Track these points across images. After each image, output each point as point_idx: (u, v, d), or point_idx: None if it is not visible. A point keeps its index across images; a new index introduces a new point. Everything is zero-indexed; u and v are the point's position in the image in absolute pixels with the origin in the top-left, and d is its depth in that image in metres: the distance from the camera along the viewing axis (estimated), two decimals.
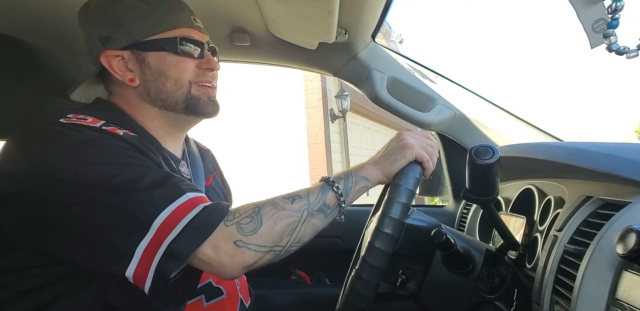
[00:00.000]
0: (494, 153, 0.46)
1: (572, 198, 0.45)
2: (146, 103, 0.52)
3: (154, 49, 0.50)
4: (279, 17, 0.70)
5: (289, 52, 0.87)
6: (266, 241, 0.41)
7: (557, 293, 0.39)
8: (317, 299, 0.94)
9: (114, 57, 0.50)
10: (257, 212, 0.42)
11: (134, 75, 0.51)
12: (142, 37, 0.50)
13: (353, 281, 0.45)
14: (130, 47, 0.50)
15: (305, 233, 0.44)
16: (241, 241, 0.40)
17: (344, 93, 4.69)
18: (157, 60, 0.50)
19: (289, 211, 0.44)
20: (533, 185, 0.61)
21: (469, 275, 0.53)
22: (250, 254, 0.41)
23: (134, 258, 0.38)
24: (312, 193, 0.46)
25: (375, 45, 0.89)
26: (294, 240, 0.43)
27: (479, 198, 0.49)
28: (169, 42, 0.50)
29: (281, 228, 0.42)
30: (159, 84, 0.51)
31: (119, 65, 0.50)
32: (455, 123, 0.94)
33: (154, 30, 0.50)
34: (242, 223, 0.41)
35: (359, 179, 0.49)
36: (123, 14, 0.49)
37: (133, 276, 0.38)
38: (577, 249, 0.37)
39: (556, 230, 0.44)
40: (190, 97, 0.52)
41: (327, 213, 0.46)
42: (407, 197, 0.45)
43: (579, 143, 0.49)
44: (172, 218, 0.39)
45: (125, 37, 0.49)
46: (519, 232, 0.57)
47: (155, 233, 0.38)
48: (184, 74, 0.52)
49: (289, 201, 0.44)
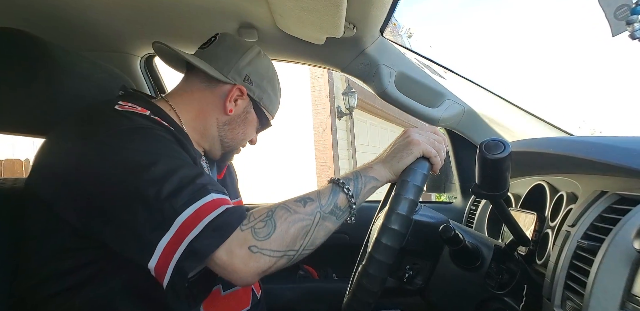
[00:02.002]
0: (505, 148, 0.45)
1: (586, 194, 0.44)
2: (216, 125, 0.60)
3: (257, 115, 0.64)
4: (286, 11, 0.70)
5: (297, 47, 0.87)
6: (280, 246, 0.41)
7: (569, 289, 0.39)
8: (325, 294, 0.94)
9: (240, 91, 0.60)
10: (270, 216, 0.43)
11: (234, 109, 0.60)
12: (262, 104, 0.63)
13: (360, 276, 0.45)
14: (252, 100, 0.62)
15: (318, 235, 0.44)
16: (256, 246, 0.40)
17: (351, 91, 4.67)
18: (251, 120, 0.63)
19: (302, 214, 0.44)
20: (544, 180, 0.60)
21: (478, 270, 0.52)
22: (265, 259, 0.40)
23: (156, 251, 0.39)
24: (324, 196, 0.46)
25: (384, 40, 0.88)
26: (307, 244, 0.43)
27: (489, 194, 0.49)
28: (265, 120, 0.65)
29: (295, 232, 0.43)
30: (237, 130, 0.62)
31: (234, 97, 0.60)
32: (464, 119, 0.93)
33: (269, 108, 0.66)
34: (257, 227, 0.41)
35: (369, 180, 0.49)
36: (270, 86, 0.64)
37: (154, 269, 0.39)
38: (591, 244, 0.37)
39: (569, 225, 0.43)
40: (232, 150, 0.65)
41: (338, 216, 0.46)
42: (415, 193, 0.45)
43: (592, 137, 0.48)
44: (194, 217, 0.39)
45: (257, 94, 0.62)
46: (529, 228, 0.56)
47: (178, 229, 0.39)
48: (246, 139, 0.66)
49: (301, 204, 0.45)
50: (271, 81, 0.64)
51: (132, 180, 0.41)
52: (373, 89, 0.93)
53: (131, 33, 0.87)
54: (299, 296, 0.94)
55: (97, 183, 0.41)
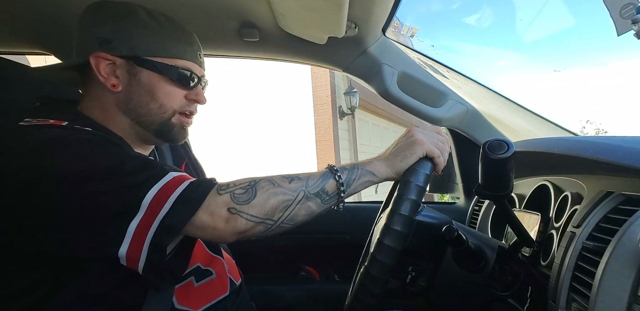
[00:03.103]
0: (509, 148, 0.45)
1: (591, 194, 0.43)
2: (120, 110, 0.53)
3: (150, 69, 0.52)
4: (288, 11, 0.70)
5: (298, 47, 0.87)
6: (258, 213, 0.42)
7: (574, 291, 0.38)
8: (326, 295, 0.94)
9: (105, 60, 0.51)
10: (252, 186, 0.44)
11: (118, 81, 0.52)
12: (143, 54, 0.51)
13: (362, 277, 0.45)
14: (128, 58, 0.51)
15: (299, 213, 0.45)
16: (235, 208, 0.42)
17: (352, 90, 4.66)
18: (150, 79, 0.52)
19: (285, 189, 0.44)
20: (548, 181, 0.59)
21: (481, 272, 0.52)
22: (242, 221, 0.42)
23: (125, 237, 0.39)
24: (313, 178, 0.46)
25: (386, 40, 0.88)
26: (286, 217, 0.44)
27: (492, 194, 0.48)
28: (169, 68, 0.52)
29: (274, 203, 0.43)
30: (143, 101, 0.52)
31: (106, 69, 0.51)
32: (467, 118, 0.92)
33: (159, 53, 0.52)
34: (236, 193, 0.43)
35: (365, 172, 0.49)
36: (134, 27, 0.51)
37: (126, 256, 0.39)
38: (597, 245, 0.36)
39: (574, 226, 0.42)
40: (167, 123, 0.54)
41: (324, 199, 0.46)
42: (417, 194, 0.45)
43: (598, 137, 0.47)
44: (160, 195, 0.40)
45: (126, 48, 0.51)
46: (533, 228, 0.56)
47: (147, 210, 0.39)
48: (171, 102, 0.54)
49: (286, 180, 0.45)
50: (130, 18, 0.51)
51: (75, 190, 0.39)
52: (375, 89, 0.92)
53: None
54: (300, 297, 0.94)
55: (35, 206, 0.39)
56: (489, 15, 12.26)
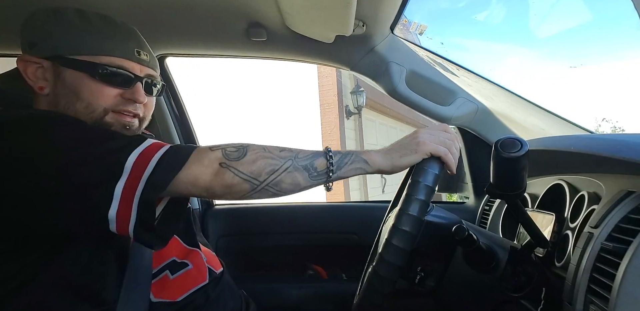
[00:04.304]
0: (522, 146, 0.44)
1: (610, 194, 0.42)
2: None
3: (72, 67, 0.50)
4: (295, 10, 0.69)
5: (306, 46, 0.86)
6: (246, 170, 0.44)
7: (592, 293, 0.37)
8: (333, 294, 0.94)
9: (32, 63, 0.51)
10: (244, 147, 0.46)
11: (46, 84, 0.52)
12: (66, 53, 0.50)
13: (370, 277, 0.45)
14: (52, 59, 0.51)
15: (285, 180, 0.46)
16: (225, 163, 0.44)
17: (359, 90, 4.64)
18: (73, 78, 0.50)
19: (274, 155, 0.46)
20: (563, 180, 0.58)
21: (492, 272, 0.51)
22: (230, 174, 0.44)
23: (113, 200, 0.40)
24: (304, 152, 0.48)
25: (394, 38, 0.87)
26: (271, 181, 0.45)
27: (504, 193, 0.47)
28: (90, 65, 0.50)
29: (262, 164, 0.45)
30: (69, 101, 0.51)
31: (34, 72, 0.51)
32: (477, 117, 0.91)
33: (80, 50, 0.50)
34: (228, 150, 0.45)
35: (358, 159, 0.49)
36: (57, 27, 0.51)
37: (116, 218, 0.40)
38: (617, 247, 0.35)
39: (591, 226, 0.41)
40: (101, 123, 0.52)
41: (312, 174, 0.47)
42: (426, 194, 0.44)
43: (616, 135, 0.46)
44: (143, 157, 0.41)
45: (49, 48, 0.50)
46: (547, 229, 0.54)
47: (131, 172, 0.41)
48: (98, 100, 0.51)
49: (277, 149, 0.47)
50: (56, 19, 0.51)
51: (53, 165, 0.41)
52: (383, 88, 0.91)
53: None
54: (307, 296, 0.94)
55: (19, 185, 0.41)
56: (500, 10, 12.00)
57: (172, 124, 1.07)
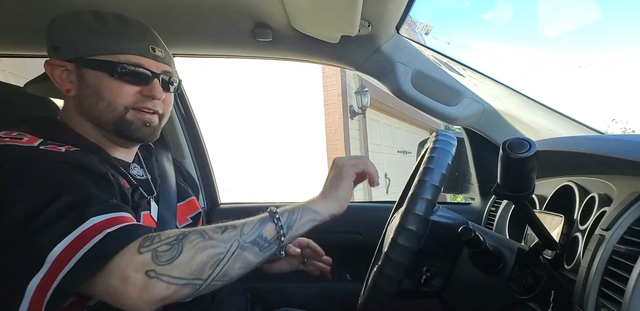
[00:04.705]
0: (531, 147, 0.43)
1: (623, 195, 0.41)
2: (80, 115, 0.54)
3: (93, 68, 0.52)
4: (301, 10, 0.69)
5: (311, 46, 0.86)
6: (183, 273, 0.37)
7: (603, 296, 0.36)
8: (338, 293, 0.94)
9: (58, 66, 0.53)
10: (180, 240, 0.39)
11: (72, 86, 0.53)
12: (86, 55, 0.52)
13: (376, 277, 0.44)
14: (74, 61, 0.52)
15: (233, 266, 0.40)
16: (154, 271, 0.36)
17: (364, 90, 4.64)
18: (94, 79, 0.52)
19: (216, 241, 0.40)
20: (573, 181, 0.57)
21: (499, 274, 0.50)
22: (162, 286, 0.36)
23: (25, 297, 0.34)
24: (249, 224, 0.43)
25: (400, 38, 0.87)
26: (217, 274, 0.39)
27: (512, 195, 0.47)
28: (109, 64, 0.51)
29: (203, 259, 0.38)
30: (92, 102, 0.52)
31: (61, 75, 0.53)
32: (483, 117, 0.90)
33: (98, 51, 0.52)
34: (160, 250, 0.37)
35: (306, 212, 0.47)
36: (76, 30, 0.52)
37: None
38: (630, 249, 0.34)
39: (603, 229, 0.40)
40: (122, 121, 0.53)
41: (262, 247, 0.42)
42: (433, 193, 0.44)
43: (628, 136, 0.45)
44: (69, 249, 0.35)
45: (71, 50, 0.52)
46: (555, 231, 0.54)
47: (50, 267, 0.35)
48: (118, 98, 0.52)
49: (219, 230, 0.41)
50: (75, 23, 0.52)
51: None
52: (388, 88, 0.91)
53: None
54: (312, 295, 0.94)
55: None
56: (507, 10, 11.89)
57: (178, 123, 1.08)
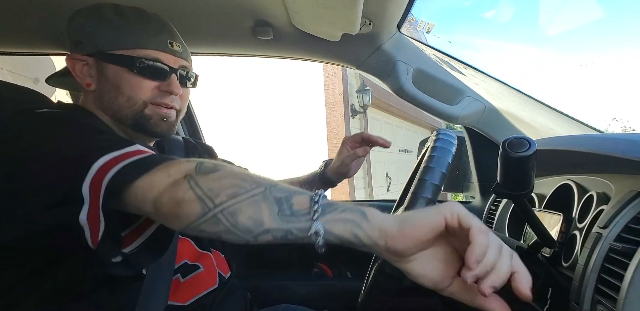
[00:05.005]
0: (531, 146, 0.43)
1: (620, 194, 0.42)
2: (99, 109, 0.54)
3: (113, 62, 0.52)
4: (302, 8, 0.70)
5: (312, 45, 0.86)
6: (205, 185, 0.34)
7: (600, 293, 0.37)
8: (339, 291, 0.94)
9: (79, 61, 0.53)
10: (224, 166, 0.37)
11: (92, 80, 0.53)
12: (106, 49, 0.52)
13: (376, 274, 0.45)
14: (94, 55, 0.53)
15: (244, 209, 0.33)
16: (190, 175, 0.35)
17: (365, 88, 4.63)
18: (114, 73, 0.52)
19: (249, 177, 0.35)
20: (571, 180, 0.57)
21: None
22: (185, 187, 0.34)
23: (85, 201, 0.35)
24: (288, 186, 0.36)
25: (401, 36, 0.87)
26: (227, 207, 0.33)
27: (512, 193, 0.47)
28: (128, 59, 0.52)
29: (226, 183, 0.35)
30: (112, 96, 0.53)
31: (81, 69, 0.53)
32: (484, 116, 0.90)
33: (118, 45, 0.52)
34: (205, 164, 0.37)
35: (354, 209, 0.34)
36: (97, 24, 0.52)
37: (89, 224, 0.36)
38: (626, 247, 0.35)
39: (600, 227, 0.41)
40: (141, 116, 0.53)
41: (283, 213, 0.33)
42: (433, 192, 0.44)
43: (627, 135, 0.45)
44: (113, 161, 0.37)
45: (92, 45, 0.52)
46: (554, 229, 0.54)
47: (96, 173, 0.36)
48: (138, 93, 0.52)
49: (257, 175, 0.37)
50: (95, 17, 0.52)
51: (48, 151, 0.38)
52: (389, 86, 0.91)
53: None
54: (313, 293, 0.94)
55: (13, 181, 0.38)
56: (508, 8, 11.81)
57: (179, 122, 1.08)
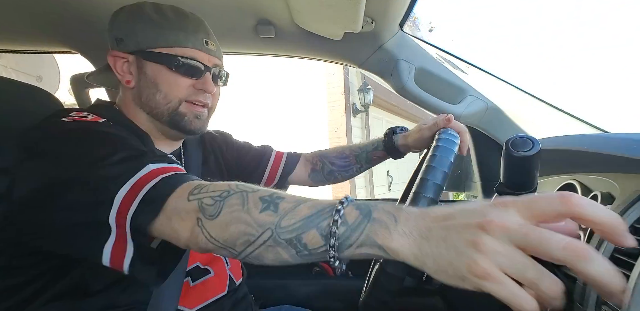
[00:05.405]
0: (534, 145, 0.43)
1: (625, 194, 0.41)
2: (137, 105, 0.56)
3: (153, 60, 0.53)
4: (304, 7, 0.69)
5: (314, 43, 0.86)
6: (218, 236, 0.33)
7: None
8: (340, 290, 0.94)
9: (120, 58, 0.55)
10: (222, 198, 0.34)
11: (132, 77, 0.55)
12: (147, 47, 0.53)
13: (378, 274, 0.45)
14: (135, 53, 0.54)
15: (266, 256, 0.32)
16: (200, 220, 0.34)
17: (366, 87, 4.62)
18: (153, 71, 0.54)
19: (251, 218, 0.32)
20: (575, 179, 0.57)
21: None
22: (203, 239, 0.34)
23: (112, 230, 0.36)
24: (292, 216, 0.31)
25: (403, 35, 0.86)
26: (249, 254, 0.33)
27: (515, 193, 0.47)
28: (167, 57, 0.53)
29: (235, 232, 0.33)
30: (150, 93, 0.54)
31: (122, 67, 0.55)
32: (487, 115, 0.90)
33: (159, 43, 0.53)
34: (205, 203, 0.35)
35: (369, 242, 0.29)
36: (139, 22, 0.54)
37: (111, 252, 0.36)
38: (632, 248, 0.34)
39: None
40: (177, 113, 0.55)
41: (301, 253, 0.31)
42: (435, 192, 0.44)
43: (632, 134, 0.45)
44: (132, 192, 0.37)
45: (133, 43, 0.54)
46: None
47: (119, 207, 0.37)
48: (174, 91, 0.54)
49: (259, 206, 0.33)
50: (137, 15, 0.54)
51: (68, 175, 0.39)
52: (391, 85, 0.91)
53: None
54: (314, 292, 0.95)
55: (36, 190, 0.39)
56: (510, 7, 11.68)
57: None
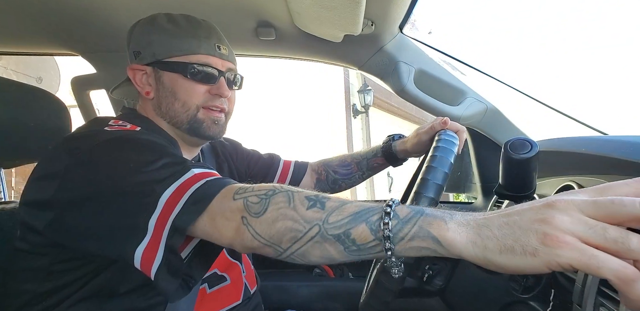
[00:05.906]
0: (533, 148, 0.43)
1: None
2: (158, 115, 0.57)
3: (169, 70, 0.54)
4: (304, 9, 0.70)
5: (314, 45, 0.87)
6: (264, 233, 0.34)
7: (602, 295, 0.37)
8: (341, 292, 0.94)
9: (138, 71, 0.56)
10: (268, 196, 0.36)
11: (151, 88, 0.56)
12: (163, 57, 0.54)
13: (378, 275, 0.45)
14: (152, 65, 0.55)
15: (312, 252, 0.33)
16: (246, 218, 0.35)
17: (367, 88, 4.63)
18: (170, 80, 0.54)
19: (298, 215, 0.33)
20: (574, 181, 0.57)
21: (501, 273, 0.51)
22: (249, 236, 0.34)
23: (148, 233, 0.37)
24: (341, 212, 0.33)
25: (403, 37, 0.87)
26: (295, 251, 0.33)
27: (513, 195, 0.47)
28: (182, 65, 0.54)
29: (281, 228, 0.33)
30: (169, 103, 0.55)
31: (141, 79, 0.56)
32: (486, 117, 0.90)
33: (173, 52, 0.54)
34: (250, 201, 0.36)
35: (423, 234, 0.29)
36: (153, 34, 0.55)
37: (142, 254, 0.37)
38: None
39: None
40: (195, 120, 0.55)
41: (350, 249, 0.32)
42: (435, 192, 0.44)
43: (630, 136, 0.45)
44: (176, 194, 0.38)
45: (149, 55, 0.55)
46: None
47: (163, 209, 0.37)
48: (192, 98, 0.55)
49: (306, 203, 0.34)
50: (152, 27, 0.55)
51: (113, 181, 0.40)
52: (391, 87, 0.91)
53: None
54: (315, 294, 0.95)
55: (81, 197, 0.40)
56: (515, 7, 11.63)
57: None
